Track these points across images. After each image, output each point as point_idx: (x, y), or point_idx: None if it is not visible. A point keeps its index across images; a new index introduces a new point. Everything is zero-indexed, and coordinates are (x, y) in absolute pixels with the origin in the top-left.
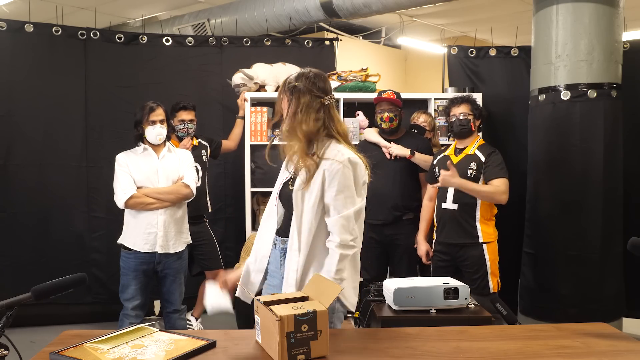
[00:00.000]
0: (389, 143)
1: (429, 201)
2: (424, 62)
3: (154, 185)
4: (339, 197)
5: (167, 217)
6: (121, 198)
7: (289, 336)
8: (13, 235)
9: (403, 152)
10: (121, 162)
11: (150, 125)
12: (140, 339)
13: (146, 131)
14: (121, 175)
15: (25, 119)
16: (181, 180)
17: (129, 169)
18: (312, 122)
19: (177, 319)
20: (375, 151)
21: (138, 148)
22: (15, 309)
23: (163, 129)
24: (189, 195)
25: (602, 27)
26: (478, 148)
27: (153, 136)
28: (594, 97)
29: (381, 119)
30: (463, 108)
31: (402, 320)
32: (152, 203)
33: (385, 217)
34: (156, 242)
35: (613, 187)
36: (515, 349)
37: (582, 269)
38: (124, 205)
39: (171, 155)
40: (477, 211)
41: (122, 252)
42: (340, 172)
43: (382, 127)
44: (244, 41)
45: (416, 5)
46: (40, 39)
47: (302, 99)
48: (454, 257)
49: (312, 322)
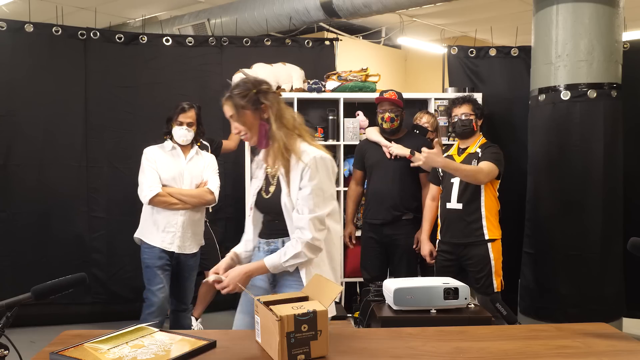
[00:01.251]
0: (389, 142)
1: (431, 201)
2: (424, 62)
3: (178, 186)
4: (311, 197)
5: (187, 218)
6: (147, 194)
7: (289, 336)
8: (13, 235)
9: (403, 151)
10: (149, 157)
11: (177, 125)
12: (140, 339)
13: (173, 130)
14: (148, 171)
15: (25, 119)
16: (205, 185)
17: (157, 165)
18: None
19: (185, 317)
20: (375, 150)
21: (166, 144)
22: (15, 309)
23: (189, 132)
24: (212, 202)
25: (602, 27)
26: (480, 147)
27: (178, 137)
28: (594, 97)
29: (382, 119)
30: (465, 108)
31: (402, 320)
32: (176, 203)
33: (385, 217)
34: (174, 242)
35: (613, 187)
36: (515, 349)
37: (582, 269)
38: (149, 202)
39: (198, 158)
40: (482, 209)
41: (144, 244)
42: (311, 172)
43: (383, 127)
44: (244, 41)
45: (416, 5)
46: (40, 39)
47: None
48: (458, 256)
49: (312, 322)
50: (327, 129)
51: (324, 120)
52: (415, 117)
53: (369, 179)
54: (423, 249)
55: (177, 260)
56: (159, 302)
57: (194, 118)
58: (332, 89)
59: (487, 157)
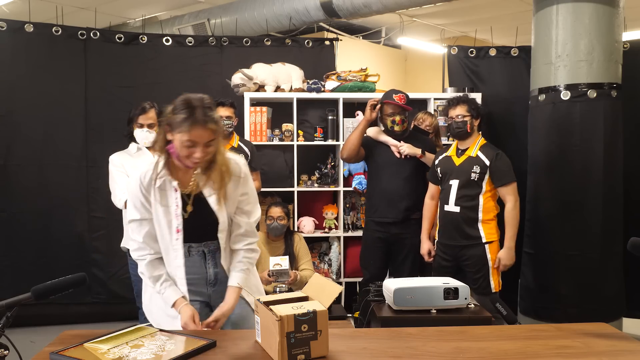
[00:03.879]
0: (398, 142)
1: (430, 199)
2: (424, 62)
3: None
4: (254, 202)
5: None
6: (120, 198)
7: (289, 336)
8: (13, 235)
9: (414, 151)
10: (116, 163)
11: (138, 127)
12: (140, 339)
13: (135, 132)
14: (118, 176)
15: (25, 119)
16: None
17: (125, 169)
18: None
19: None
20: (383, 150)
21: (131, 148)
22: (15, 309)
23: (150, 133)
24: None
25: (602, 27)
26: (480, 149)
27: (139, 139)
28: (594, 97)
29: (393, 122)
30: (459, 110)
31: (402, 320)
32: None
33: (396, 216)
34: None
35: (613, 187)
36: (515, 349)
37: (582, 268)
38: (124, 206)
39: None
40: (479, 213)
41: (130, 258)
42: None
43: (395, 130)
44: (244, 41)
45: (416, 5)
46: (40, 39)
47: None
48: (455, 257)
49: (312, 322)
50: (327, 129)
51: (323, 121)
52: (417, 118)
53: (377, 178)
54: (422, 247)
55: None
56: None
57: (154, 119)
58: (332, 89)
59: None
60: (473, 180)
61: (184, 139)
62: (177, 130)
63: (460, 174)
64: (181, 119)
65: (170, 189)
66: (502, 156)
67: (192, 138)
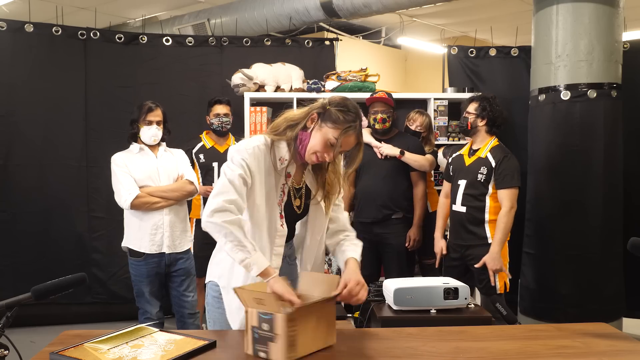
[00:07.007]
0: (379, 143)
1: (445, 198)
2: (424, 62)
3: (156, 184)
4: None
5: (173, 216)
6: (126, 199)
7: (254, 330)
8: (13, 235)
9: (393, 151)
10: (119, 163)
11: (146, 125)
12: (140, 339)
13: (141, 131)
14: (122, 176)
15: (25, 119)
16: (182, 178)
17: (128, 169)
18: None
19: (191, 325)
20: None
21: (133, 148)
22: (15, 309)
23: (159, 130)
24: (194, 192)
25: (602, 27)
26: (490, 151)
27: (147, 136)
28: (594, 97)
29: (374, 119)
30: (471, 107)
31: (402, 320)
32: (158, 202)
33: (375, 216)
34: (163, 242)
35: (613, 187)
36: (515, 349)
37: (582, 269)
38: (130, 206)
39: (168, 155)
40: (485, 213)
41: (131, 259)
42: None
43: (375, 128)
44: (244, 41)
45: (416, 5)
46: (40, 39)
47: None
48: (462, 256)
49: (270, 324)
50: None
51: None
52: (409, 118)
53: (359, 179)
54: (435, 245)
55: (171, 263)
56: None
57: (161, 116)
58: (332, 89)
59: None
60: (479, 181)
61: (334, 136)
62: (330, 125)
63: (468, 174)
64: (344, 118)
65: (281, 175)
66: (509, 159)
67: (342, 141)
